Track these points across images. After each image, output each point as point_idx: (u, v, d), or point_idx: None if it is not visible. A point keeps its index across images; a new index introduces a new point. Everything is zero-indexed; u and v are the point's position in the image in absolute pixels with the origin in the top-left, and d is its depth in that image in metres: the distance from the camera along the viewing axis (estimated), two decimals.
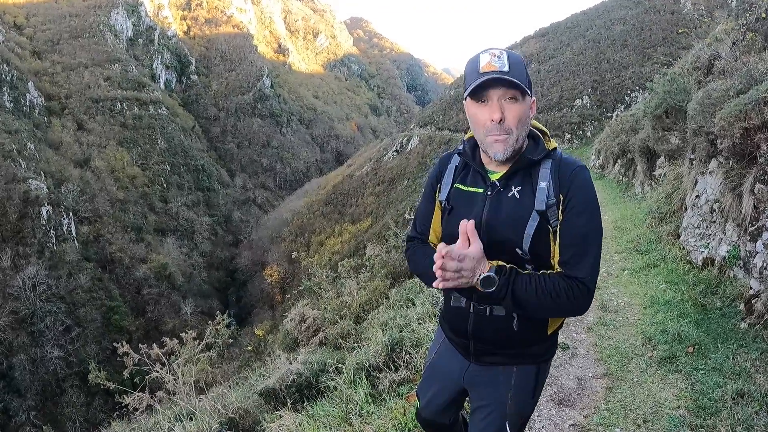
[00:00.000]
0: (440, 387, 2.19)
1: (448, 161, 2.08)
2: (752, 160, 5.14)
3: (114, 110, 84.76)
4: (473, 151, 1.98)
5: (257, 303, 62.95)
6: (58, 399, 38.13)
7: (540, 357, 2.00)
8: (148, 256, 61.05)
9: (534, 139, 1.91)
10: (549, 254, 1.82)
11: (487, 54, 1.75)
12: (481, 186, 1.92)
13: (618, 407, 3.72)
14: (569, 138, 43.32)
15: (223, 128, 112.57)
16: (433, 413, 2.25)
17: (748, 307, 4.66)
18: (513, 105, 1.74)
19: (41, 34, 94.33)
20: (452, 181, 2.02)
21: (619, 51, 52.97)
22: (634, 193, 13.55)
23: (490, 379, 2.02)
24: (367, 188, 65.95)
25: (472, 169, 1.98)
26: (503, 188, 1.86)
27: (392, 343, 4.63)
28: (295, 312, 10.89)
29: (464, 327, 1.99)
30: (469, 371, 2.06)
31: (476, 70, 1.73)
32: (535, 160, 1.83)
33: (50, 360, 39.69)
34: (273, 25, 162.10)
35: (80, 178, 63.85)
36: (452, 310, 2.04)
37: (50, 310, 42.55)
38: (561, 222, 1.78)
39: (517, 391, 1.98)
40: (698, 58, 9.64)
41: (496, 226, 1.82)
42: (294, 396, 4.85)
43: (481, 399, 2.05)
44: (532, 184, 1.82)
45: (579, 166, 1.83)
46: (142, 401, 5.73)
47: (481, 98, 1.76)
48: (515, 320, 1.87)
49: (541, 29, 72.36)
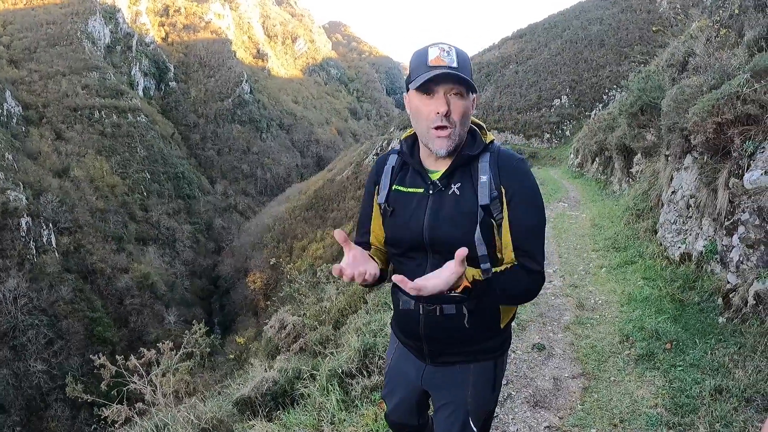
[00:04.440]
0: (403, 390, 2.15)
1: (385, 162, 2.03)
2: (726, 155, 5.14)
3: (92, 118, 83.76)
4: (411, 150, 1.94)
5: (241, 310, 62.44)
6: (43, 413, 37.49)
7: (495, 351, 1.97)
8: (129, 265, 60.27)
9: (471, 133, 1.87)
10: (494, 248, 1.79)
11: (436, 48, 1.72)
12: (421, 186, 1.88)
13: (594, 407, 3.65)
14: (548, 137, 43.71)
15: (203, 135, 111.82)
16: (401, 416, 2.20)
17: (725, 301, 4.64)
18: (459, 100, 1.72)
19: (18, 42, 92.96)
20: (390, 182, 1.96)
21: (596, 50, 53.67)
22: (612, 191, 13.65)
23: (447, 379, 1.98)
24: (348, 192, 65.83)
25: (411, 169, 1.93)
26: (444, 187, 1.82)
27: (365, 348, 4.55)
28: (275, 319, 10.76)
29: (416, 329, 1.94)
30: (426, 373, 2.03)
31: (425, 63, 1.70)
32: (473, 155, 1.81)
33: (33, 374, 39.07)
34: (251, 31, 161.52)
35: (59, 188, 62.98)
36: (402, 313, 2.00)
37: (32, 323, 41.95)
38: (509, 215, 1.76)
39: (477, 388, 1.95)
40: (673, 56, 9.73)
41: (440, 226, 1.79)
42: (269, 404, 4.76)
43: (442, 399, 2.01)
44: (471, 180, 1.80)
45: (518, 159, 1.84)
46: (120, 413, 5.61)
47: (428, 91, 1.72)
48: (466, 317, 1.83)
49: (519, 30, 73.04)
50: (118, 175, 78.17)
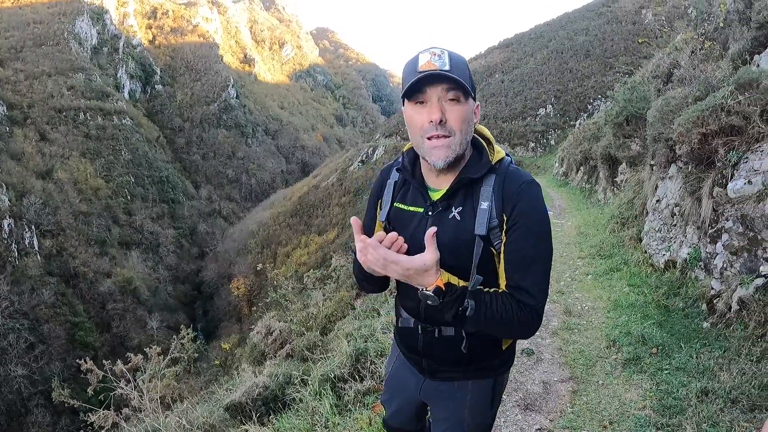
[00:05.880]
0: (402, 399, 2.15)
1: (388, 175, 1.94)
2: (710, 165, 5.26)
3: (77, 120, 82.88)
4: (413, 165, 1.82)
5: (224, 316, 61.96)
6: (24, 419, 36.70)
7: (496, 370, 1.91)
8: (112, 270, 59.56)
9: (478, 149, 1.75)
10: (496, 276, 1.68)
11: (426, 53, 1.58)
12: (421, 205, 1.77)
13: (584, 410, 3.72)
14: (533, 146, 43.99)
15: (188, 139, 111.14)
16: (400, 422, 2.21)
17: (710, 306, 4.74)
18: (455, 106, 1.58)
19: (4, 41, 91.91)
20: (392, 198, 1.88)
21: (581, 61, 54.13)
22: (596, 199, 13.77)
23: (445, 394, 1.95)
24: (333, 199, 65.70)
25: (412, 186, 1.83)
26: (444, 209, 1.71)
27: (357, 353, 4.58)
28: (261, 325, 10.77)
29: (415, 345, 1.92)
30: (424, 386, 2.00)
31: (414, 70, 1.57)
32: (473, 178, 1.67)
33: (14, 379, 38.23)
34: (239, 35, 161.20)
35: (43, 190, 62.15)
36: (402, 329, 1.98)
37: (13, 327, 41.11)
38: (506, 243, 1.63)
39: (474, 404, 1.92)
40: (658, 67, 9.89)
41: (438, 249, 1.58)
42: (260, 409, 4.77)
43: (439, 413, 2.00)
44: (473, 204, 1.67)
45: (526, 182, 1.66)
46: (107, 419, 5.57)
47: (419, 99, 1.60)
48: (464, 342, 1.76)
49: (506, 40, 73.52)
50: (102, 178, 77.32)
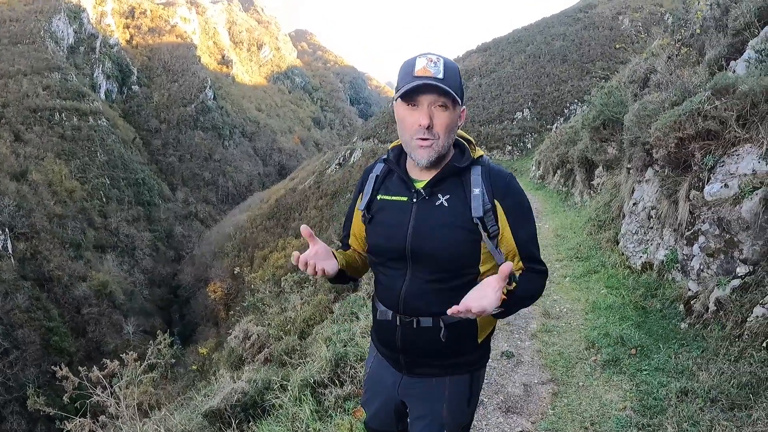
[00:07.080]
0: (381, 399, 2.16)
1: (371, 170, 2.06)
2: (687, 168, 5.33)
3: (53, 121, 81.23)
4: (398, 158, 1.97)
5: (201, 320, 61.14)
6: None
7: (472, 366, 1.98)
8: (87, 273, 58.48)
9: (460, 147, 1.92)
10: (478, 261, 1.83)
11: (423, 58, 1.72)
12: (405, 194, 1.90)
13: (565, 411, 3.74)
14: (510, 150, 44.22)
15: (165, 141, 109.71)
16: (380, 423, 2.21)
17: (687, 307, 4.80)
18: (443, 112, 1.73)
19: None
20: (372, 190, 1.99)
21: (558, 65, 54.51)
22: (573, 202, 13.86)
23: (423, 391, 1.99)
24: (310, 202, 65.09)
25: (396, 177, 1.96)
26: (428, 196, 1.84)
27: (336, 358, 4.54)
28: (239, 329, 10.65)
29: (393, 340, 1.96)
30: (402, 384, 2.04)
31: (411, 73, 1.70)
32: (460, 167, 1.83)
33: None
34: (217, 36, 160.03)
35: (17, 192, 60.67)
36: (380, 324, 2.02)
37: None
38: (510, 227, 1.81)
39: (452, 401, 1.96)
40: (635, 72, 10.02)
41: (425, 237, 1.81)
42: (239, 416, 4.70)
43: (418, 411, 2.02)
44: (464, 192, 1.82)
45: (510, 175, 1.89)
46: (84, 427, 5.46)
47: (412, 102, 1.74)
48: (443, 331, 1.84)
49: (484, 44, 73.59)
50: (77, 180, 75.82)
